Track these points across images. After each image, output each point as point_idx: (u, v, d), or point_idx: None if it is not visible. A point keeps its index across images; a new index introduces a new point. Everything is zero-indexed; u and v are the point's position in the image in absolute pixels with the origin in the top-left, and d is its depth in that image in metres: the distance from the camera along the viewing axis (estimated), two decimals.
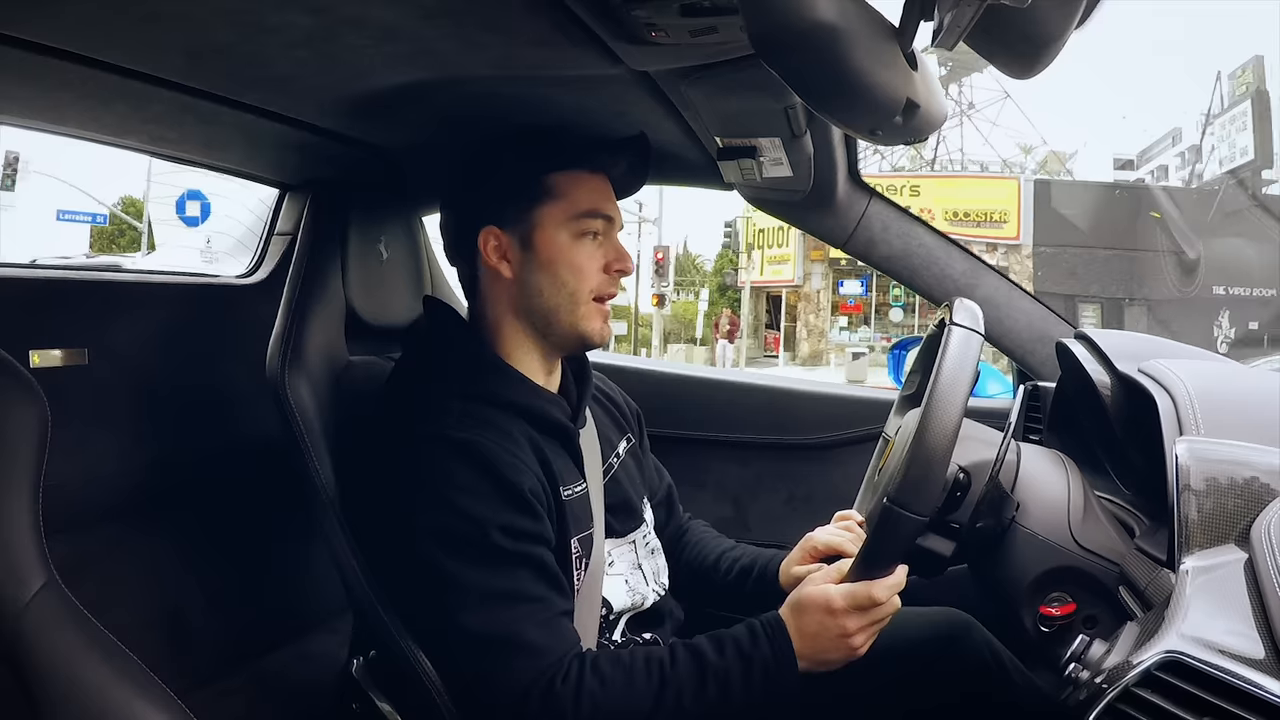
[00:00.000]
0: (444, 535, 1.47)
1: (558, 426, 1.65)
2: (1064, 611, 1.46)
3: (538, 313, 1.66)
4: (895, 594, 1.47)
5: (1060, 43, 1.04)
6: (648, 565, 1.79)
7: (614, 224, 1.69)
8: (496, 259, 1.66)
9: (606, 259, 1.66)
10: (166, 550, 1.99)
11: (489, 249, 1.66)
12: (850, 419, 2.63)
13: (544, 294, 1.64)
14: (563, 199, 1.64)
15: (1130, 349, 1.74)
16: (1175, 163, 35.10)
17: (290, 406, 1.64)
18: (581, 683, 1.44)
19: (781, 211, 2.46)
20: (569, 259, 1.64)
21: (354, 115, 1.75)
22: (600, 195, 1.67)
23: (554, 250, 1.63)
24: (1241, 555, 1.15)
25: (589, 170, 1.67)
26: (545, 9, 1.24)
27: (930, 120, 1.07)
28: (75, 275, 1.92)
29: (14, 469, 1.12)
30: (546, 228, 1.64)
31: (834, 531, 1.81)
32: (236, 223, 2.41)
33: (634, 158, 1.76)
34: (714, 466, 2.73)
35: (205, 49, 1.37)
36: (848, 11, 0.90)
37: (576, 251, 1.64)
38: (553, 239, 1.63)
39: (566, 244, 1.64)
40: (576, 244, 1.64)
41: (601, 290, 1.67)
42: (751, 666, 1.47)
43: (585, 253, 1.65)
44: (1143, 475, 1.65)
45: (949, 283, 2.38)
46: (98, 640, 1.13)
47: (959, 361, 1.36)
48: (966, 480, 1.48)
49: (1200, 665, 0.97)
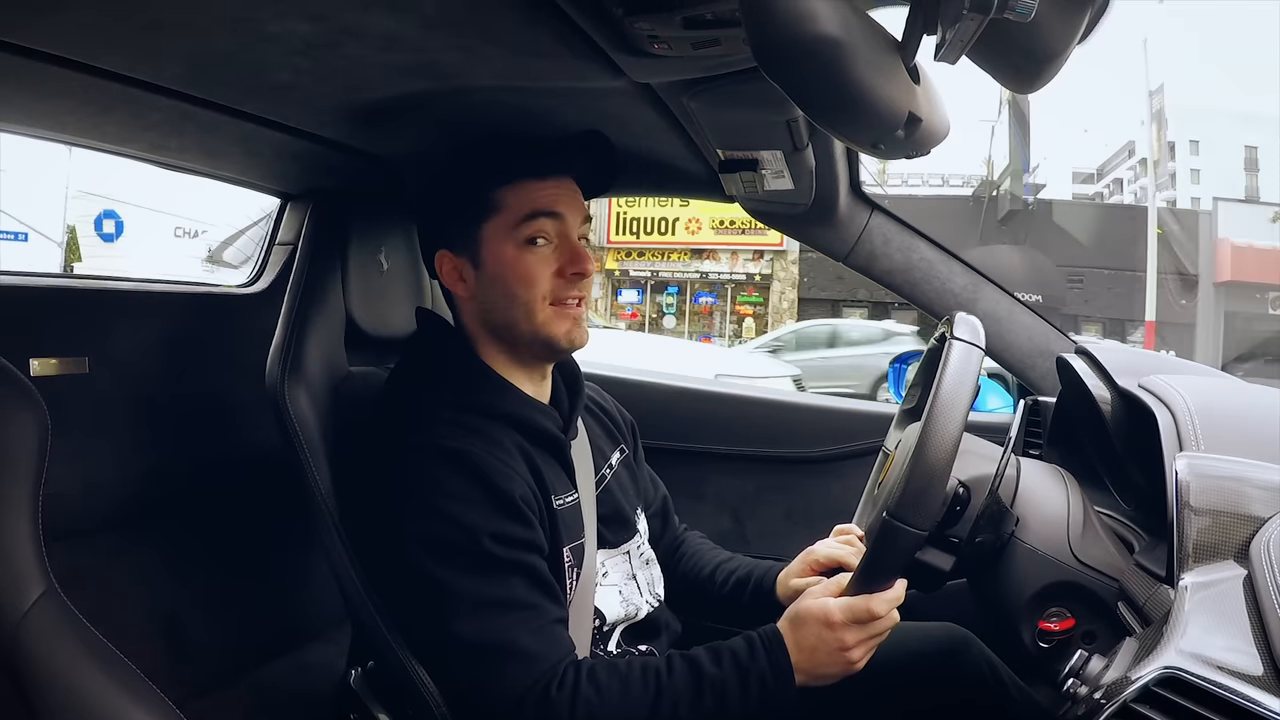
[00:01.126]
0: (436, 543, 1.46)
1: (549, 437, 1.65)
2: (1063, 627, 1.45)
3: (500, 327, 1.64)
4: (894, 608, 1.46)
5: (1063, 58, 1.05)
6: (642, 576, 1.79)
7: (567, 222, 1.63)
8: (453, 281, 1.65)
9: (560, 262, 1.61)
10: (166, 559, 1.99)
11: (445, 272, 1.66)
12: (850, 432, 2.63)
13: (499, 309, 1.63)
14: (505, 210, 1.60)
15: (1131, 364, 1.75)
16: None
17: (289, 416, 1.64)
18: (577, 690, 1.43)
19: (783, 224, 2.46)
20: (516, 270, 1.60)
21: (355, 124, 1.74)
22: (546, 196, 1.62)
23: (501, 264, 1.60)
24: (1241, 571, 1.15)
25: (538, 178, 1.63)
26: (547, 20, 1.25)
27: (933, 134, 1.07)
28: (76, 284, 1.93)
29: (14, 477, 1.12)
30: (491, 243, 1.61)
31: (834, 544, 1.81)
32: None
33: (593, 156, 1.71)
34: (713, 479, 2.73)
35: (206, 57, 1.37)
36: (851, 25, 0.90)
37: (523, 261, 1.60)
38: (498, 253, 1.60)
39: (513, 255, 1.60)
40: (522, 253, 1.60)
41: (558, 295, 1.61)
42: (748, 678, 1.46)
43: (534, 259, 1.60)
44: (1142, 491, 1.65)
45: (950, 297, 2.38)
46: (96, 649, 1.13)
47: (959, 377, 1.36)
48: (966, 495, 1.47)
49: (1199, 681, 0.97)
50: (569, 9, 1.22)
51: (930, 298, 2.41)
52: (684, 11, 1.22)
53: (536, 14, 1.23)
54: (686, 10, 1.22)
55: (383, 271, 1.93)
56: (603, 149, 1.72)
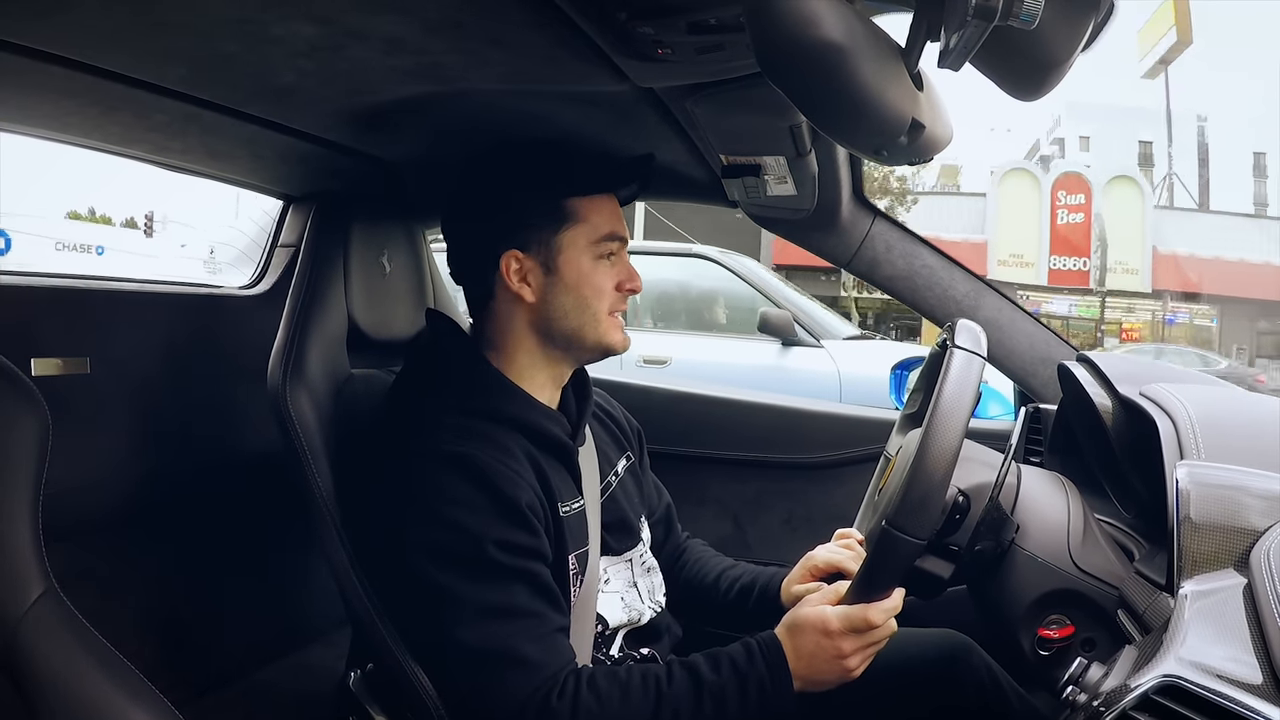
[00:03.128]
0: (440, 549, 1.46)
1: (556, 443, 1.65)
2: (1062, 634, 1.45)
3: (560, 333, 1.66)
4: (892, 617, 1.47)
5: (1066, 65, 1.05)
6: (643, 583, 1.79)
7: (625, 244, 1.70)
8: (518, 282, 1.65)
9: (619, 278, 1.67)
10: (166, 560, 1.99)
11: (511, 273, 1.65)
12: (852, 438, 2.63)
13: (569, 315, 1.65)
14: (584, 223, 1.64)
15: (1132, 373, 1.74)
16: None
17: (290, 418, 1.63)
18: (578, 698, 1.43)
19: (785, 230, 2.46)
20: (592, 281, 1.64)
21: (358, 127, 1.75)
22: (616, 218, 1.69)
23: (578, 274, 1.64)
24: (1240, 580, 1.15)
25: (605, 193, 1.68)
26: (551, 24, 1.25)
27: (935, 141, 1.07)
28: (78, 284, 1.92)
29: (14, 477, 1.11)
30: (569, 251, 1.64)
31: (835, 550, 1.80)
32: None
33: (642, 177, 1.77)
34: (714, 484, 2.72)
35: (210, 58, 1.37)
36: (854, 31, 0.90)
37: (597, 273, 1.65)
38: (576, 262, 1.64)
39: (589, 267, 1.64)
40: (597, 266, 1.65)
41: (615, 307, 1.68)
42: (747, 684, 1.47)
43: (603, 273, 1.66)
44: (1143, 499, 1.65)
45: (952, 304, 2.38)
46: (96, 650, 1.13)
47: (960, 385, 1.36)
48: (966, 503, 1.47)
49: (1198, 690, 0.97)
50: (572, 13, 1.22)
51: (932, 304, 2.40)
52: (688, 16, 1.22)
53: (540, 18, 1.23)
54: (690, 15, 1.22)
55: (385, 274, 1.93)
56: (648, 174, 1.80)
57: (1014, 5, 0.83)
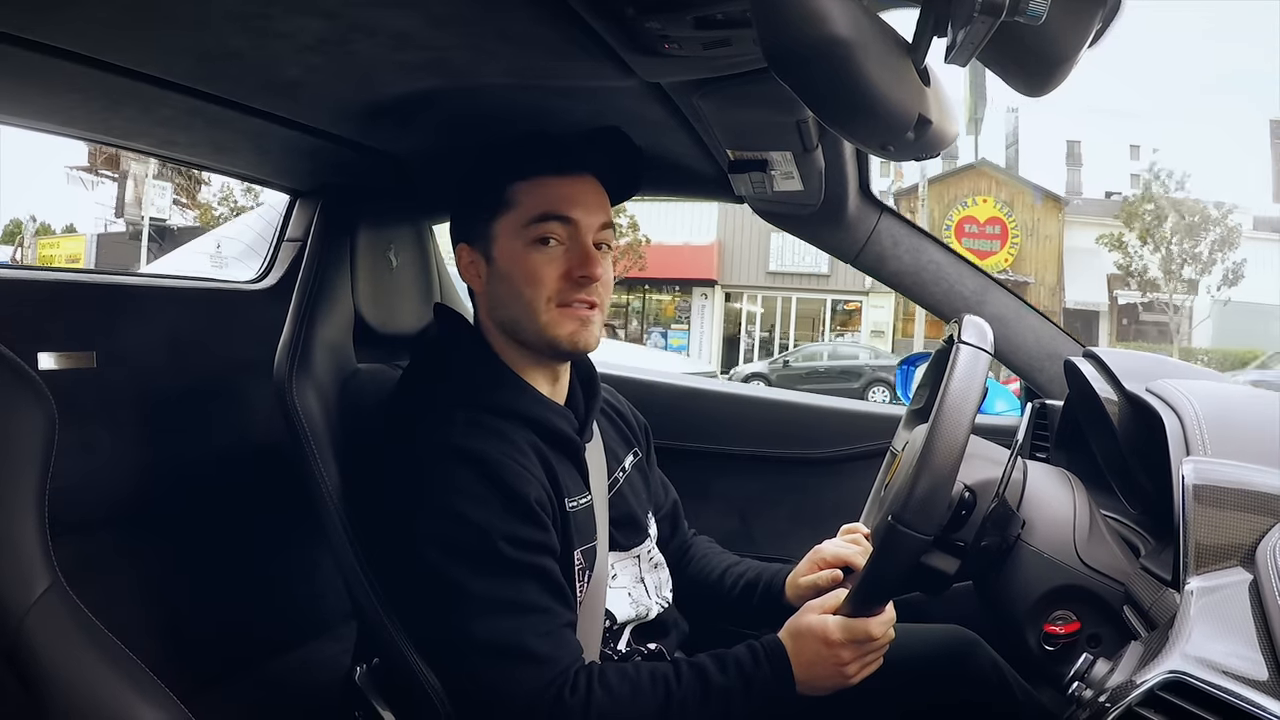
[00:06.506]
0: (449, 544, 1.46)
1: (564, 439, 1.64)
2: (1068, 630, 1.45)
3: (506, 324, 1.64)
4: (890, 627, 1.49)
5: (1073, 61, 1.04)
6: (650, 579, 1.79)
7: (580, 224, 1.61)
8: (470, 275, 1.66)
9: (569, 264, 1.60)
10: (172, 554, 1.99)
11: (463, 265, 1.67)
12: (858, 433, 2.62)
13: (506, 305, 1.62)
14: (517, 207, 1.60)
15: (1138, 369, 1.74)
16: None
17: (297, 412, 1.64)
18: (590, 696, 1.44)
19: (791, 225, 2.46)
20: (523, 269, 1.59)
21: (365, 121, 1.75)
22: (560, 198, 1.61)
23: (510, 261, 1.60)
24: (1246, 576, 1.15)
25: (555, 175, 1.62)
26: (558, 19, 1.25)
27: (942, 137, 1.07)
28: (84, 278, 1.92)
29: (21, 471, 1.12)
30: (502, 239, 1.61)
31: (842, 544, 1.80)
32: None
33: (611, 154, 1.70)
34: (720, 480, 2.72)
35: (216, 52, 1.37)
36: (861, 27, 0.90)
37: (530, 260, 1.59)
38: (509, 250, 1.61)
39: (520, 253, 1.59)
40: (530, 252, 1.59)
41: (565, 297, 1.60)
42: (752, 687, 1.48)
43: (542, 259, 1.59)
44: (1149, 495, 1.65)
45: (958, 299, 2.38)
46: (102, 643, 1.13)
47: (966, 381, 1.35)
48: (972, 499, 1.47)
49: (1203, 686, 0.97)
50: (580, 8, 1.22)
51: (939, 300, 2.40)
52: (695, 11, 1.22)
53: (547, 13, 1.23)
54: (697, 10, 1.22)
55: (392, 268, 1.93)
56: (622, 147, 1.71)
57: (1021, 1, 0.83)
